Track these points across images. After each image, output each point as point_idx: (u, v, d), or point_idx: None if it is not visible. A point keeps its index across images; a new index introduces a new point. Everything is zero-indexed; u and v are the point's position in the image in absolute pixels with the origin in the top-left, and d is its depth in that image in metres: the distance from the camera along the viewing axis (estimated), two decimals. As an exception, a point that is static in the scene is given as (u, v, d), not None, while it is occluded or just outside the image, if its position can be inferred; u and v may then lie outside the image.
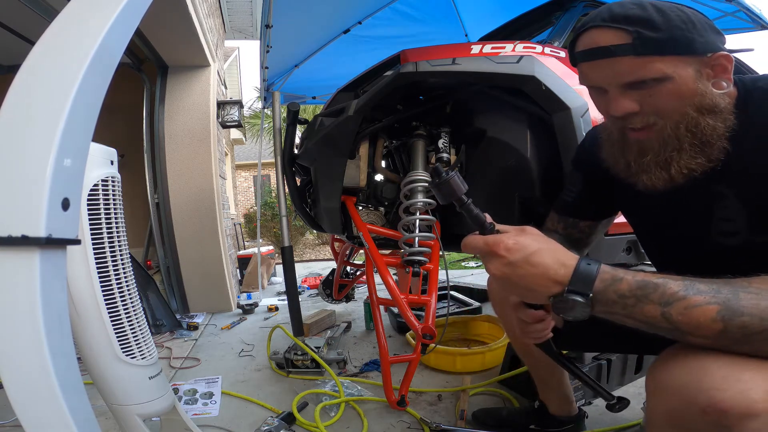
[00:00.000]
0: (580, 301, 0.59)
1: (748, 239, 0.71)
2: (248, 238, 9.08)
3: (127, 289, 1.00)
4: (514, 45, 1.49)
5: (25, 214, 0.52)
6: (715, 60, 0.65)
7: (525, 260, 0.61)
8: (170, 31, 2.63)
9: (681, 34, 0.64)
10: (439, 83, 1.57)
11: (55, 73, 0.57)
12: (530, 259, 0.61)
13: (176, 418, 1.12)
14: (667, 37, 0.63)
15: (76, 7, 0.62)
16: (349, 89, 1.77)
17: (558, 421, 1.24)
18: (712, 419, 0.55)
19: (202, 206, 3.08)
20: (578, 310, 0.60)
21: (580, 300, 0.59)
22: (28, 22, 2.38)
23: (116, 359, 0.95)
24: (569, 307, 0.60)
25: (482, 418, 1.39)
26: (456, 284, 3.34)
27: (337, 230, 1.82)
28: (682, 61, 0.64)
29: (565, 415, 1.24)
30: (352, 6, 3.16)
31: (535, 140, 1.46)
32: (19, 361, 0.54)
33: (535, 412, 1.29)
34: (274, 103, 2.83)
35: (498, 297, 1.13)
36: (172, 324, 2.66)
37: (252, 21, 5.02)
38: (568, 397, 1.23)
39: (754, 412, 0.52)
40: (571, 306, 0.60)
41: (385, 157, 1.78)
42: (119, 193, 1.00)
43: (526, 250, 0.61)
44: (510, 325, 1.13)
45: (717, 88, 0.66)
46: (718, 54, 0.65)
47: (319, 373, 1.85)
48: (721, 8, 2.78)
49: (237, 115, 3.44)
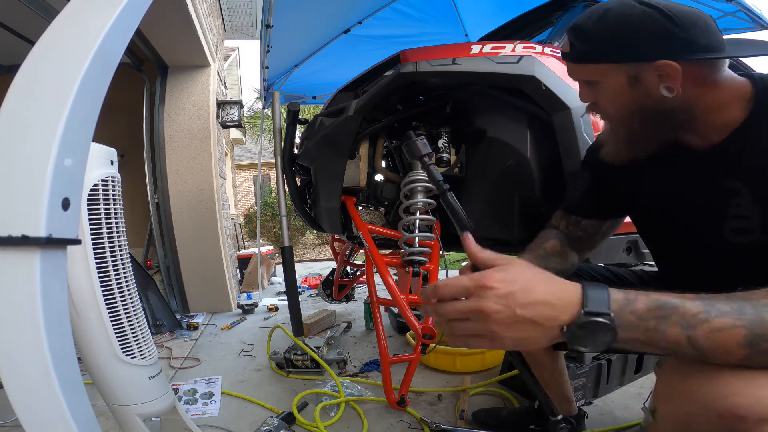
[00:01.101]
0: (604, 323, 0.51)
1: (760, 239, 0.70)
2: (248, 238, 9.09)
3: (127, 289, 1.00)
4: (514, 45, 1.49)
5: (26, 213, 0.52)
6: (659, 68, 0.69)
7: (524, 288, 0.53)
8: (170, 31, 2.63)
9: (609, 45, 0.72)
10: (439, 83, 1.57)
11: (55, 73, 0.57)
12: (530, 285, 0.53)
13: (176, 418, 1.12)
14: (591, 49, 0.73)
15: (76, 7, 0.62)
16: (349, 89, 1.77)
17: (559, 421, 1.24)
18: (728, 424, 0.53)
19: (202, 206, 3.08)
20: (601, 335, 0.51)
21: (602, 321, 0.51)
22: (28, 22, 2.38)
23: (116, 359, 0.95)
24: (590, 333, 0.51)
25: (482, 418, 1.39)
26: (456, 284, 3.33)
27: (337, 230, 1.82)
28: (613, 68, 0.73)
29: (566, 415, 1.24)
30: (352, 6, 3.16)
31: (535, 140, 1.46)
32: (19, 360, 0.54)
33: (535, 412, 1.30)
34: (274, 103, 2.84)
35: None
36: (172, 324, 2.66)
37: (252, 21, 5.02)
38: (568, 398, 1.24)
39: None
40: (591, 330, 0.51)
41: (385, 157, 1.78)
42: (119, 193, 1.00)
43: (524, 276, 0.54)
44: None
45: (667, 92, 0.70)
46: (661, 63, 0.68)
47: (319, 373, 1.85)
48: (721, 8, 2.78)
49: (237, 115, 3.44)
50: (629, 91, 0.73)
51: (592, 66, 0.75)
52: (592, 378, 1.41)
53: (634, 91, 0.72)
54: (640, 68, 0.71)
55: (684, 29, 0.67)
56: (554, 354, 1.16)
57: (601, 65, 0.74)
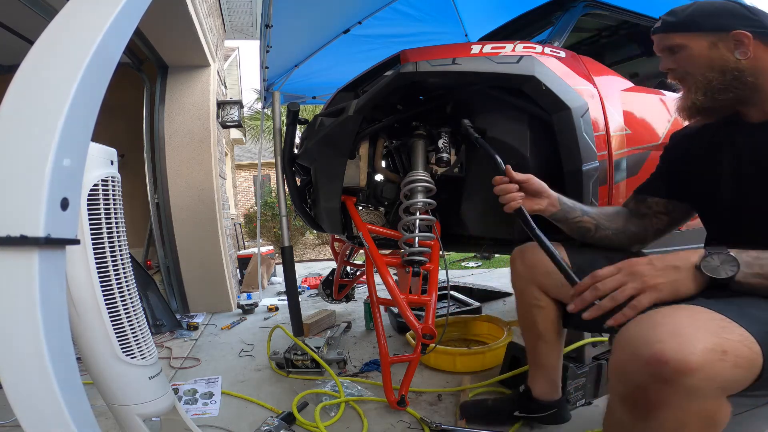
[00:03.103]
0: (725, 252, 0.72)
1: None
2: (248, 238, 9.09)
3: (127, 289, 1.00)
4: (514, 45, 1.49)
5: (24, 213, 0.52)
6: (735, 35, 0.87)
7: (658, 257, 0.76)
8: (170, 31, 2.63)
9: (697, 19, 0.92)
10: (439, 83, 1.57)
11: (53, 73, 0.57)
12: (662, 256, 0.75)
13: (176, 418, 1.12)
14: (681, 21, 0.93)
15: (75, 6, 0.61)
16: (349, 89, 1.77)
17: (541, 405, 1.27)
18: (653, 371, 0.60)
19: (202, 206, 3.08)
20: (728, 264, 0.72)
21: (724, 252, 0.72)
22: (28, 22, 2.38)
23: (116, 359, 0.95)
24: (719, 262, 0.72)
25: (470, 408, 1.41)
26: (456, 284, 3.33)
27: (337, 230, 1.81)
28: (697, 36, 0.91)
29: (549, 399, 1.27)
30: (352, 6, 3.15)
31: (535, 140, 1.46)
32: (18, 361, 0.54)
33: (519, 398, 1.31)
34: (274, 103, 2.83)
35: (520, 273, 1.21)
36: (172, 324, 2.66)
37: (252, 21, 5.02)
38: (555, 382, 1.27)
39: (690, 366, 0.58)
40: (720, 260, 0.72)
41: (385, 157, 1.78)
42: (119, 193, 1.00)
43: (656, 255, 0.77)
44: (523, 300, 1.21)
45: (741, 56, 0.88)
46: (737, 32, 0.87)
47: (319, 373, 1.85)
48: (722, 8, 2.77)
49: (237, 115, 3.44)
50: (709, 53, 0.90)
51: (680, 35, 0.93)
52: (592, 378, 1.41)
53: (714, 54, 0.90)
54: (719, 37, 0.89)
55: (755, 13, 0.88)
56: (560, 331, 1.21)
57: (688, 34, 0.92)
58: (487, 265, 5.05)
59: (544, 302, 1.17)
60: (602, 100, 1.52)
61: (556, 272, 0.94)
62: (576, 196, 1.37)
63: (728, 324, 0.62)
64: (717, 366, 0.58)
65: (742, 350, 0.60)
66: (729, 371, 0.59)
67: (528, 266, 1.17)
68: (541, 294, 1.16)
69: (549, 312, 1.17)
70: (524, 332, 1.27)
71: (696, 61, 0.92)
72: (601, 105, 1.51)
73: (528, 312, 1.20)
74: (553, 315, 1.17)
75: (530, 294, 1.18)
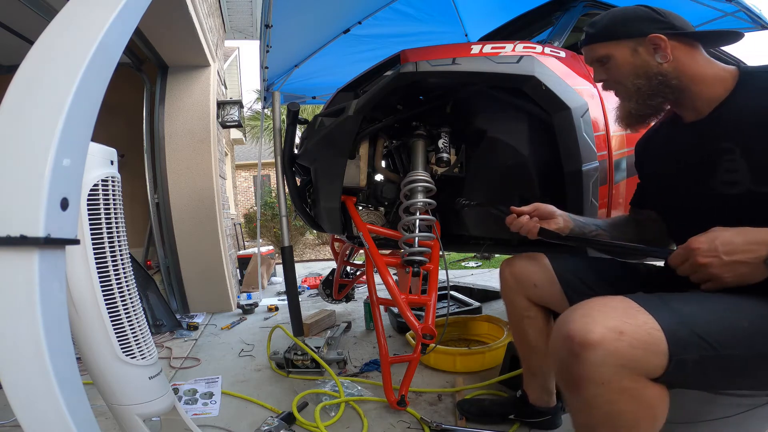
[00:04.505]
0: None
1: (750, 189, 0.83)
2: (248, 238, 9.09)
3: (127, 289, 1.00)
4: (514, 45, 1.49)
5: (24, 213, 0.52)
6: (651, 40, 0.91)
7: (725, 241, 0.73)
8: (170, 31, 2.63)
9: (612, 28, 0.96)
10: (439, 83, 1.57)
11: (53, 73, 0.57)
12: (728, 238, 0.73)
13: (176, 418, 1.12)
14: (599, 32, 0.97)
15: (75, 6, 0.61)
16: (349, 89, 1.77)
17: (536, 411, 1.30)
18: (567, 345, 0.69)
19: (202, 206, 3.08)
20: None
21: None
22: (28, 22, 2.38)
23: (116, 359, 0.95)
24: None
25: (466, 407, 1.43)
26: (456, 284, 3.33)
27: (337, 230, 1.81)
28: (617, 44, 0.95)
29: (544, 406, 1.30)
30: (352, 6, 3.15)
31: (535, 140, 1.46)
32: (18, 361, 0.54)
33: (516, 402, 1.34)
34: (274, 103, 2.83)
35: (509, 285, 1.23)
36: (172, 324, 2.66)
37: (252, 21, 5.02)
38: (549, 389, 1.29)
39: (589, 341, 0.66)
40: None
41: (385, 157, 1.78)
42: (119, 193, 1.00)
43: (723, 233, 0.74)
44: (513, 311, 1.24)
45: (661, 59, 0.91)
46: (652, 36, 0.91)
47: (319, 373, 1.85)
48: (721, 8, 2.77)
49: (237, 115, 3.44)
50: (632, 60, 0.94)
51: (602, 44, 0.97)
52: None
53: (636, 60, 0.94)
54: (637, 42, 0.93)
55: (664, 16, 0.93)
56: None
57: (608, 43, 0.96)
58: (487, 265, 5.05)
59: (533, 312, 1.19)
60: (602, 100, 1.52)
61: (542, 284, 1.12)
62: (576, 197, 1.37)
63: (636, 312, 0.69)
64: (614, 344, 0.66)
65: (639, 333, 0.67)
66: (627, 350, 0.66)
67: (516, 278, 1.19)
68: (530, 304, 1.19)
69: (538, 322, 1.20)
70: (516, 342, 1.30)
71: (622, 70, 0.96)
72: (601, 105, 1.51)
73: (519, 323, 1.23)
74: (542, 324, 1.20)
75: (519, 305, 1.20)
